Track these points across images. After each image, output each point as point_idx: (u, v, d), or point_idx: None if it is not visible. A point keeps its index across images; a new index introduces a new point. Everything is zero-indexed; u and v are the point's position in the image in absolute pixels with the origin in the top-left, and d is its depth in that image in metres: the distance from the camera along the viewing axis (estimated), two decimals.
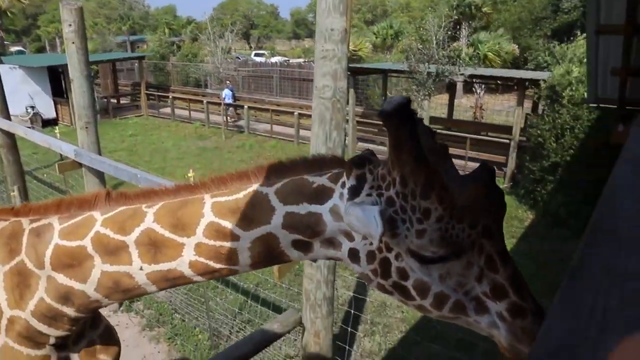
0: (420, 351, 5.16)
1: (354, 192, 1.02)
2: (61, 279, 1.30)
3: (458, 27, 26.18)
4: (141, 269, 1.24)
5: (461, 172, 1.01)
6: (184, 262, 1.20)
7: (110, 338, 1.69)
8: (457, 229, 0.92)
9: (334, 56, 2.63)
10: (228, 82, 19.58)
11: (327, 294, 3.26)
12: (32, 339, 1.39)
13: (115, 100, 21.53)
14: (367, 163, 1.03)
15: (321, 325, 3.37)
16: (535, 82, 11.07)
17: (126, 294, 1.32)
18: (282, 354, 5.03)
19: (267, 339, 3.14)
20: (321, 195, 1.08)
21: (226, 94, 18.67)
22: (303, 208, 1.09)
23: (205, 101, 18.22)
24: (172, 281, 1.26)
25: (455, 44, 17.10)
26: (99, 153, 5.33)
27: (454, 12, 26.05)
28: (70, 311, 1.35)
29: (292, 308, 4.11)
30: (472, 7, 26.00)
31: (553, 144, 8.98)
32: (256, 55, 44.21)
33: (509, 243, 8.20)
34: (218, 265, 1.19)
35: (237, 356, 2.89)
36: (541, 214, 9.33)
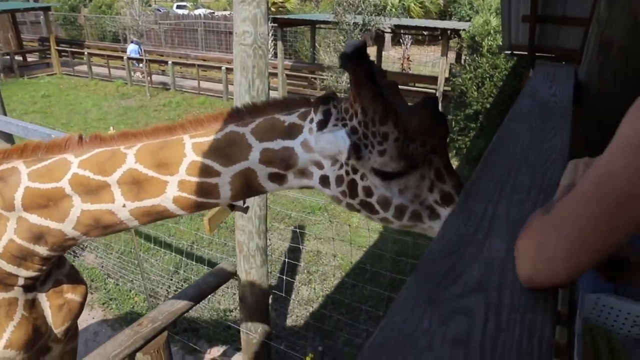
0: (355, 295, 5.42)
1: (322, 125, 1.17)
2: (34, 219, 1.32)
3: None
4: (124, 206, 1.29)
5: None
6: (168, 197, 1.27)
7: (76, 277, 1.72)
8: (410, 148, 1.10)
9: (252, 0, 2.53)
10: (133, 37, 18.52)
11: (260, 244, 3.30)
12: (1, 281, 1.40)
13: (20, 58, 19.41)
14: (331, 100, 1.19)
15: (256, 275, 3.43)
16: (457, 33, 11.40)
17: (106, 230, 1.36)
18: (222, 309, 5.09)
19: (202, 293, 3.15)
20: (292, 131, 1.21)
21: (131, 49, 17.73)
22: (277, 144, 1.22)
23: (125, 57, 16.98)
24: (155, 215, 1.33)
25: None
26: (4, 114, 4.86)
27: None
28: (42, 250, 1.37)
29: (226, 261, 4.13)
30: None
31: (474, 93, 9.42)
32: (178, 7, 41.36)
33: None
34: (201, 199, 1.28)
35: (172, 311, 2.88)
36: (465, 159, 9.90)
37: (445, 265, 0.65)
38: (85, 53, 18.26)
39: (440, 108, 1.18)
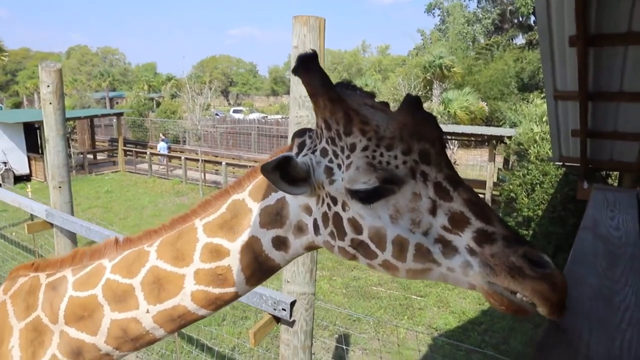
0: None
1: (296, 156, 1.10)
2: (73, 332, 1.32)
3: (429, 86, 27.34)
4: (147, 311, 1.26)
5: None
6: (186, 294, 1.21)
7: None
8: (386, 156, 0.91)
9: (308, 122, 2.70)
10: (162, 135, 22.55)
11: None
12: None
13: (91, 156, 21.36)
14: (307, 131, 1.11)
15: None
16: (502, 139, 11.54)
17: (135, 343, 1.33)
18: None
19: None
20: None
21: (161, 146, 21.12)
22: (272, 198, 1.14)
23: (183, 157, 18.24)
24: (178, 321, 1.28)
25: (427, 103, 17.83)
26: (72, 213, 5.21)
27: (426, 72, 27.33)
28: None
29: None
30: (443, 68, 27.33)
31: (525, 199, 9.23)
32: (235, 111, 44.93)
33: None
34: (217, 290, 1.21)
35: None
36: None
37: None
38: (148, 152, 19.81)
39: (425, 108, 0.98)
